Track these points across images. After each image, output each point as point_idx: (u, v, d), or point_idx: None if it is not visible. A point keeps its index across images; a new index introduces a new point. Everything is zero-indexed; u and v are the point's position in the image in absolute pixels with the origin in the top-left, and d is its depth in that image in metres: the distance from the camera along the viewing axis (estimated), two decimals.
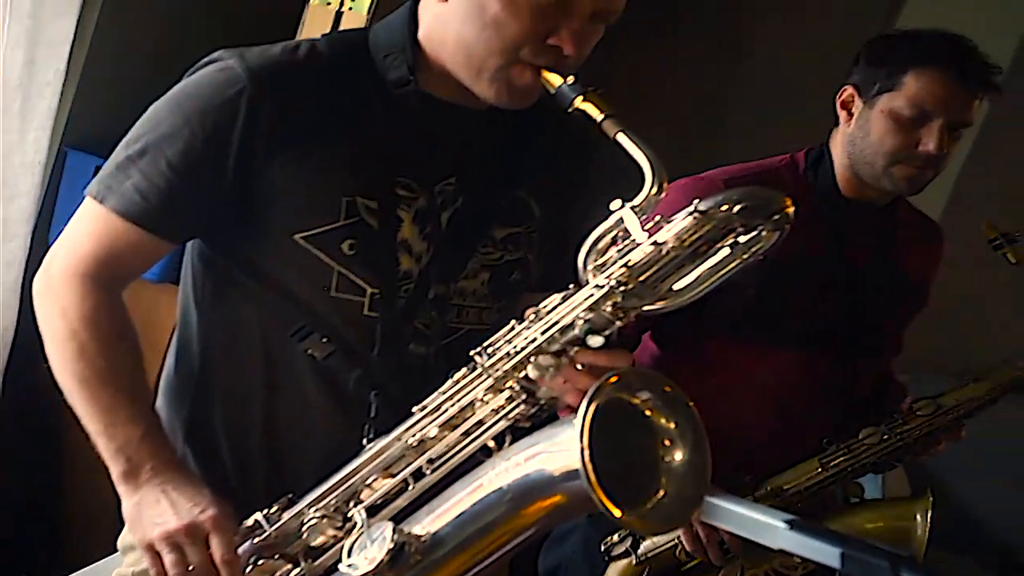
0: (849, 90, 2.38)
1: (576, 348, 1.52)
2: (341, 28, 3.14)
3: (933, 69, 2.27)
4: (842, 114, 2.40)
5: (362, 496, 1.61)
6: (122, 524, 1.72)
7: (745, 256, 1.47)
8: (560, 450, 1.43)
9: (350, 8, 3.22)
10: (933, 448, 2.42)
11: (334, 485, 1.61)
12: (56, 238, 1.75)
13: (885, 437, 2.36)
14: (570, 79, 1.59)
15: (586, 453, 1.37)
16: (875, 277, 2.43)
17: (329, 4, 3.24)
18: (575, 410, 1.40)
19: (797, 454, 2.40)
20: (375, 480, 1.61)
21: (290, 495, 1.64)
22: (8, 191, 3.11)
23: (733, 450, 2.28)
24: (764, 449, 2.40)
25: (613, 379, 1.44)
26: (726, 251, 1.47)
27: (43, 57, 3.07)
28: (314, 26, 3.22)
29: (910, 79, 2.27)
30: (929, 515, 2.35)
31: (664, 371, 1.54)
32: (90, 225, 1.70)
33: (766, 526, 1.66)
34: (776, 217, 1.47)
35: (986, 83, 2.30)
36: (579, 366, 1.52)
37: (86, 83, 3.29)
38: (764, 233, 1.47)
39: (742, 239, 1.47)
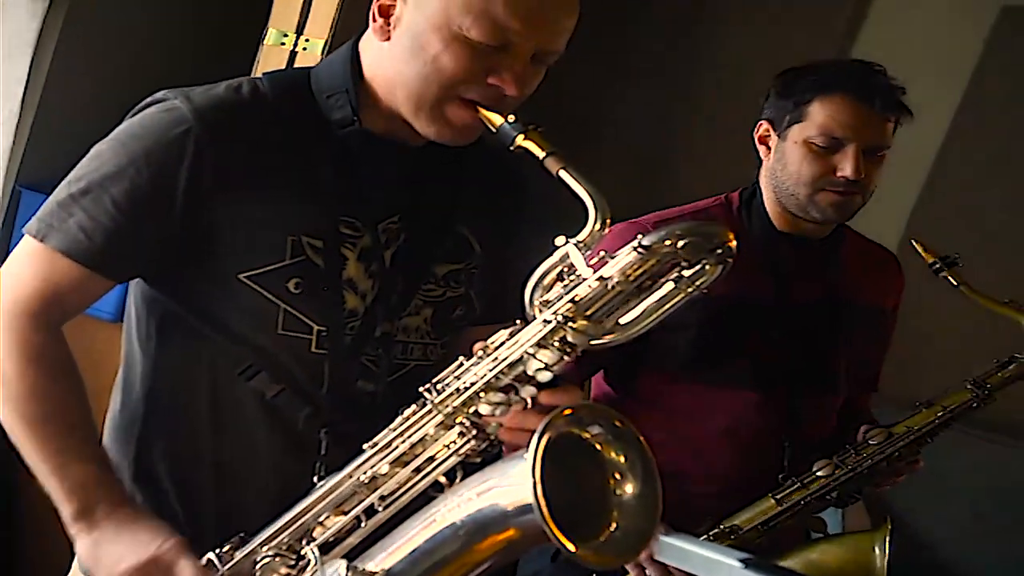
0: (764, 125, 2.40)
1: (525, 384, 1.53)
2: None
3: (837, 94, 2.29)
4: (761, 149, 2.42)
5: (315, 534, 1.60)
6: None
7: (689, 290, 1.49)
8: (512, 485, 1.43)
9: (304, 49, 3.23)
10: (892, 479, 2.43)
11: (286, 523, 1.60)
12: None
13: (838, 469, 2.36)
14: (511, 117, 1.60)
15: (538, 488, 1.37)
16: (822, 311, 2.43)
17: (283, 44, 3.25)
18: (517, 448, 1.42)
19: (759, 494, 2.39)
20: (327, 517, 1.60)
21: (242, 534, 1.63)
22: None
23: (692, 492, 2.30)
24: (723, 490, 2.40)
25: (567, 412, 1.46)
26: (671, 285, 1.49)
27: None
28: (268, 66, 3.21)
29: (816, 107, 2.30)
30: (887, 544, 2.35)
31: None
32: (32, 264, 1.68)
33: (720, 565, 1.66)
34: (719, 251, 1.49)
35: (892, 103, 2.32)
36: (527, 404, 1.53)
37: (40, 123, 3.29)
38: (707, 267, 1.49)
39: (686, 273, 1.49)
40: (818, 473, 2.37)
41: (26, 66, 3.12)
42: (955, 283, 2.42)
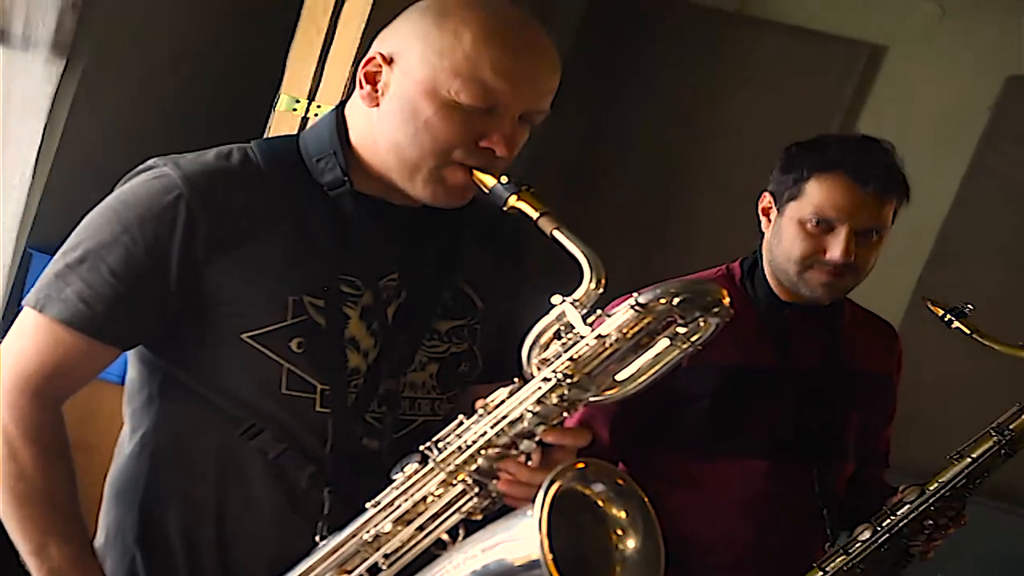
0: (767, 197, 2.41)
1: (526, 440, 1.55)
2: None
3: (833, 175, 2.29)
4: (763, 220, 2.42)
5: None
6: None
7: (685, 346, 1.53)
8: (518, 540, 1.45)
9: (315, 115, 3.26)
10: (938, 537, 2.39)
11: None
12: None
13: (877, 530, 2.35)
14: (503, 179, 1.64)
15: (545, 543, 1.39)
16: (827, 377, 2.43)
17: (295, 110, 3.29)
18: (520, 504, 1.43)
19: (780, 566, 2.38)
20: None
21: None
22: None
23: (709, 563, 2.30)
24: (744, 562, 2.39)
25: (577, 466, 1.49)
26: (666, 342, 1.52)
27: (10, 160, 3.10)
28: (281, 131, 3.26)
29: (812, 187, 2.30)
30: None
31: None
32: (32, 336, 1.68)
33: None
34: (714, 308, 1.53)
35: (888, 185, 2.32)
36: (527, 459, 1.56)
37: (52, 186, 3.32)
38: (702, 323, 1.53)
39: (681, 330, 1.52)
40: (859, 538, 2.36)
41: (40, 129, 3.15)
42: (968, 331, 2.41)
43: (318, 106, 3.26)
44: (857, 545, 2.35)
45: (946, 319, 2.43)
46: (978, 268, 4.17)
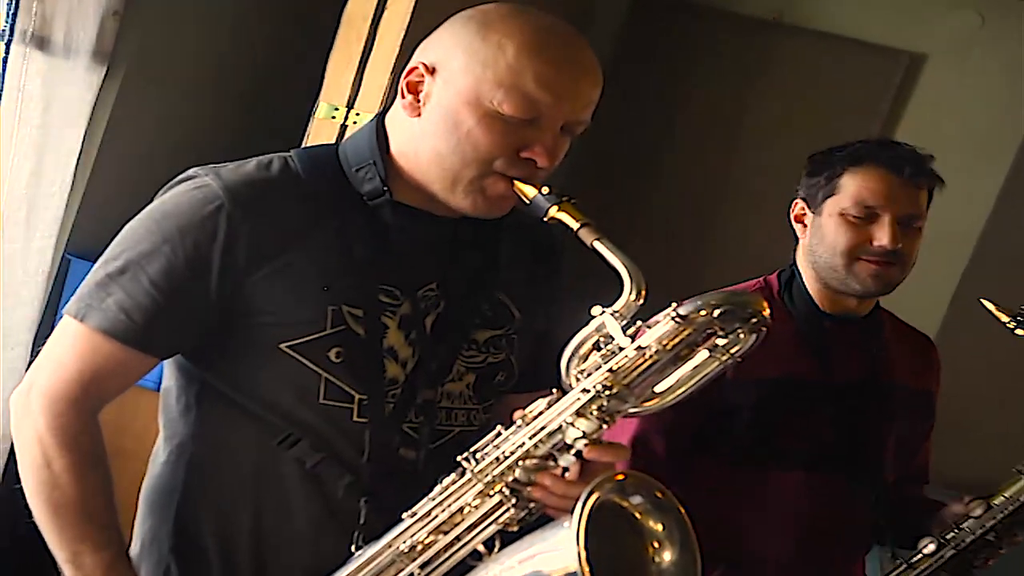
0: (799, 204, 2.42)
1: (563, 452, 1.55)
2: None
3: (867, 166, 2.31)
4: (798, 228, 2.43)
5: None
6: None
7: (724, 358, 1.53)
8: (556, 551, 1.46)
9: (354, 122, 3.27)
10: (994, 555, 2.38)
11: None
12: None
13: (942, 543, 2.33)
14: (544, 189, 1.64)
15: (583, 555, 1.39)
16: (869, 390, 2.41)
17: (334, 118, 3.30)
18: (556, 515, 1.43)
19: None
20: None
21: None
22: (11, 300, 3.14)
23: None
24: (783, 574, 2.38)
25: (617, 478, 1.49)
26: (705, 354, 1.53)
27: (50, 167, 3.12)
28: (319, 140, 3.27)
29: (847, 179, 2.32)
30: None
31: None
32: (72, 345, 1.69)
33: None
34: (753, 320, 1.53)
35: (922, 171, 2.33)
36: (564, 472, 1.56)
37: (91, 192, 3.34)
38: (742, 335, 1.54)
39: (720, 342, 1.53)
40: (924, 551, 2.34)
41: (80, 136, 3.17)
42: None
43: (357, 114, 3.26)
44: (921, 558, 2.34)
45: (1011, 323, 2.41)
46: (1016, 278, 4.13)
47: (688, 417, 1.66)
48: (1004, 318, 2.42)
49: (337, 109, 3.29)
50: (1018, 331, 2.40)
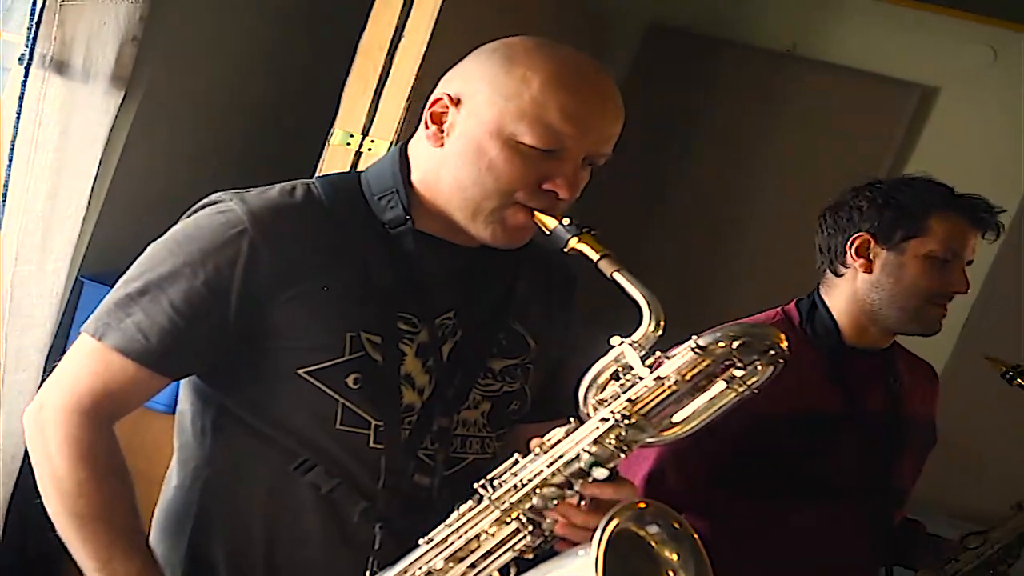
0: (863, 236, 2.37)
1: (581, 481, 1.55)
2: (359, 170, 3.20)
3: (953, 213, 2.33)
4: (858, 262, 2.38)
5: None
6: None
7: (741, 389, 1.54)
8: None
9: (369, 149, 3.27)
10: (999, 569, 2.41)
11: None
12: None
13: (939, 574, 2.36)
14: (565, 220, 1.65)
15: None
16: (888, 422, 2.42)
17: (349, 145, 3.30)
18: (572, 544, 1.43)
19: None
20: None
21: None
22: (24, 320, 3.15)
23: None
24: None
25: (639, 506, 1.50)
26: (722, 385, 1.54)
27: (66, 190, 3.13)
28: (334, 166, 3.27)
29: (935, 223, 2.32)
30: None
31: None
32: (87, 362, 1.70)
33: None
34: (772, 352, 1.55)
35: (994, 224, 2.37)
36: (581, 501, 1.56)
37: (106, 216, 3.35)
38: (759, 367, 1.55)
39: (738, 373, 1.54)
40: None
41: (96, 160, 3.19)
42: None
43: (372, 141, 3.27)
44: None
45: (1009, 375, 2.46)
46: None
47: (707, 452, 1.66)
48: (1001, 369, 2.48)
49: (352, 136, 3.30)
50: (1015, 381, 2.46)
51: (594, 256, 1.61)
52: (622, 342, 1.53)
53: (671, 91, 4.65)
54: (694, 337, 1.52)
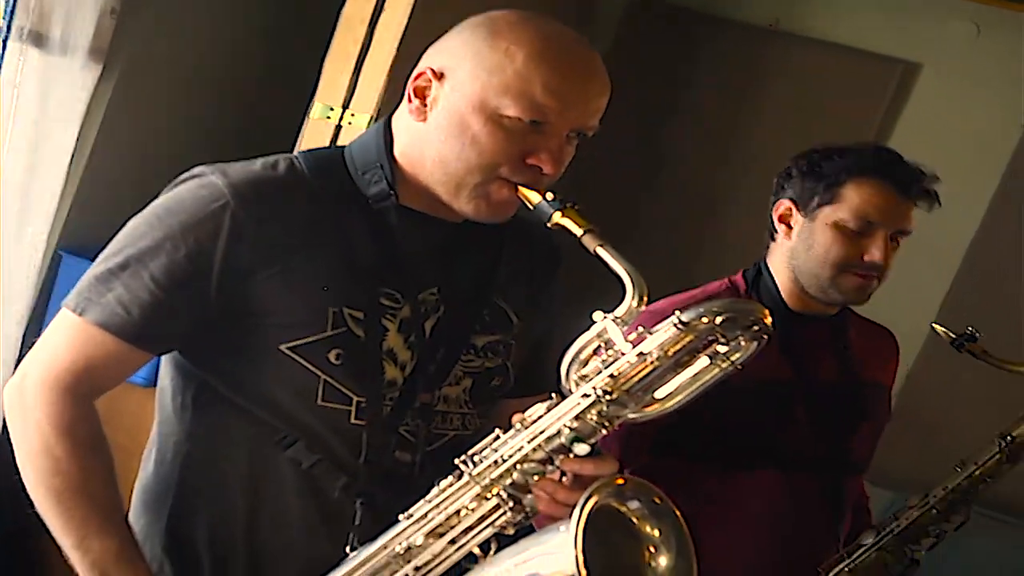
0: (786, 204, 2.38)
1: (562, 456, 1.55)
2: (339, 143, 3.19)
3: (872, 179, 2.29)
4: (781, 228, 2.40)
5: None
6: None
7: (724, 365, 1.54)
8: (552, 555, 1.45)
9: (349, 123, 3.27)
10: (943, 526, 2.40)
11: None
12: None
13: (880, 533, 2.36)
14: (549, 195, 1.64)
15: (580, 559, 1.39)
16: (839, 389, 2.42)
17: (329, 118, 3.29)
18: (552, 520, 1.43)
19: None
20: None
21: None
22: (2, 294, 3.14)
23: None
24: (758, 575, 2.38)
25: (617, 482, 1.50)
26: (705, 361, 1.54)
27: (44, 163, 3.12)
28: (313, 140, 3.26)
29: (850, 191, 2.29)
30: None
31: None
32: (68, 337, 1.69)
33: None
34: (755, 328, 1.54)
35: (924, 192, 2.33)
36: (561, 477, 1.55)
37: (84, 189, 3.34)
38: (743, 343, 1.55)
39: (721, 349, 1.54)
40: (862, 542, 2.37)
41: (74, 133, 3.17)
42: (975, 355, 2.43)
43: (352, 115, 3.26)
44: (860, 549, 2.36)
45: (957, 343, 2.45)
46: (1006, 287, 4.15)
47: (656, 422, 1.65)
48: (950, 337, 2.46)
49: (332, 110, 3.29)
50: (963, 349, 2.44)
51: (577, 231, 1.60)
52: (605, 317, 1.53)
53: (653, 65, 4.64)
54: (677, 312, 1.51)
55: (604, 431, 1.54)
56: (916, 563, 2.40)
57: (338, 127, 3.27)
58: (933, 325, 2.50)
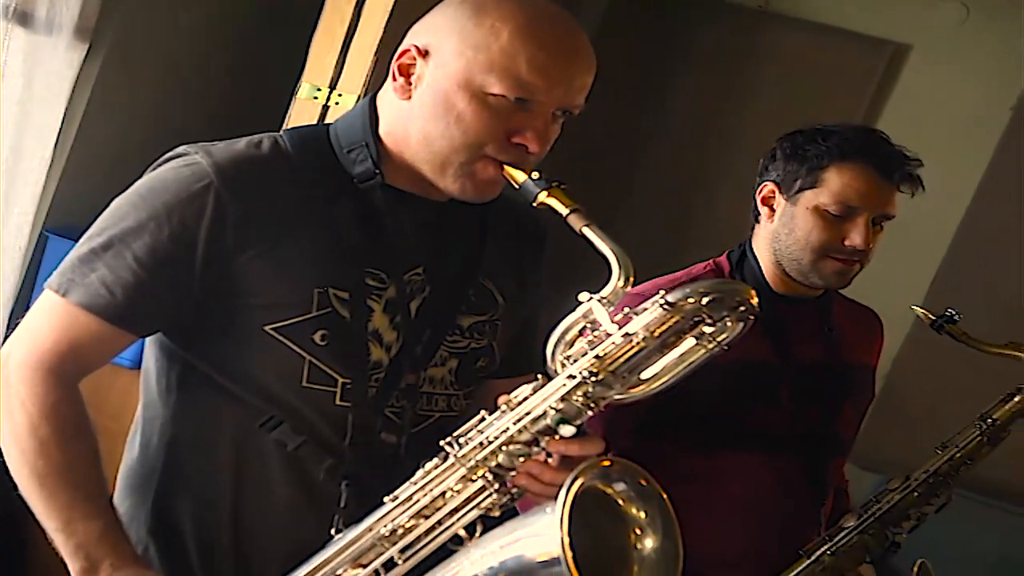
0: (769, 187, 2.37)
1: (548, 438, 1.55)
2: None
3: (855, 163, 2.28)
4: (764, 211, 2.39)
5: None
6: None
7: (711, 345, 1.53)
8: (538, 537, 1.45)
9: (336, 103, 3.26)
10: (924, 509, 2.40)
11: None
12: None
13: (862, 516, 2.36)
14: (535, 174, 1.63)
15: (566, 540, 1.39)
16: (823, 371, 2.42)
17: (316, 98, 3.29)
18: (538, 502, 1.42)
19: (778, 559, 2.37)
20: (345, 571, 1.60)
21: None
22: None
23: (714, 559, 2.29)
24: (743, 556, 2.38)
25: (603, 464, 1.49)
26: (692, 341, 1.53)
27: (30, 143, 3.10)
28: (301, 120, 3.26)
29: (832, 175, 2.28)
30: None
31: None
32: (51, 319, 1.67)
33: None
34: (741, 308, 1.53)
35: (908, 176, 2.31)
36: (547, 458, 1.55)
37: (70, 169, 3.32)
38: (729, 323, 1.53)
39: (707, 329, 1.53)
40: (844, 525, 2.37)
41: (60, 113, 3.16)
42: (955, 336, 2.44)
43: (339, 95, 3.26)
44: (842, 532, 2.36)
45: (936, 325, 2.45)
46: (995, 268, 4.16)
47: (638, 401, 1.64)
48: (929, 319, 2.45)
49: (319, 89, 3.28)
50: (942, 330, 2.44)
51: (563, 210, 1.59)
52: (590, 298, 1.52)
53: (641, 46, 4.63)
54: (662, 293, 1.50)
55: (590, 412, 1.53)
56: (897, 546, 2.40)
57: (325, 107, 3.27)
58: (913, 307, 2.50)
